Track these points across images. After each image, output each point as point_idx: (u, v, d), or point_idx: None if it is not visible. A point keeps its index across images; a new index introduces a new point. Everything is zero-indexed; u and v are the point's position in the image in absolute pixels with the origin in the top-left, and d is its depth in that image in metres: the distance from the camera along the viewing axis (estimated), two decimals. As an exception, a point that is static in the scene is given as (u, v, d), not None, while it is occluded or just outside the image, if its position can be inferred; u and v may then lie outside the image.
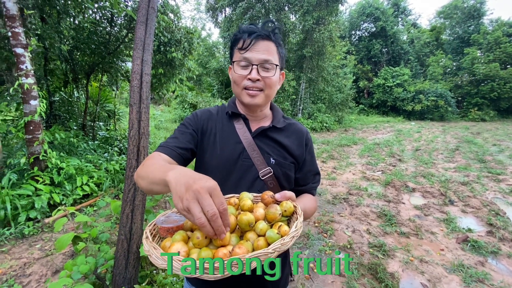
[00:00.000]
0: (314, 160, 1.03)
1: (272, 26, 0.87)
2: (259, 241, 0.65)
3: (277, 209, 0.72)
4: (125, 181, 1.93)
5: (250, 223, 0.68)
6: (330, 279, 2.36)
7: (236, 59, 0.87)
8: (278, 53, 0.88)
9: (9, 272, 2.34)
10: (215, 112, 0.99)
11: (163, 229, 0.68)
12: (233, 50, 0.90)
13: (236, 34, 0.88)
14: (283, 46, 0.91)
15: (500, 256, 2.73)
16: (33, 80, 3.25)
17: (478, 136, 10.94)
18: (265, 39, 0.85)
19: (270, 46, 0.85)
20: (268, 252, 0.56)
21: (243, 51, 0.84)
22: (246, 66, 0.85)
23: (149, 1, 1.99)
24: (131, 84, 1.93)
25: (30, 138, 3.29)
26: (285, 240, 0.61)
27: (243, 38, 0.85)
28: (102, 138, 5.83)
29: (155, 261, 0.55)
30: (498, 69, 16.86)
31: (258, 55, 0.83)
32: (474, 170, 5.78)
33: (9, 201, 2.91)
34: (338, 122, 13.29)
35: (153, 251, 0.56)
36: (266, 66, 0.85)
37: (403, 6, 23.96)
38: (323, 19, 10.79)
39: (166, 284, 2.01)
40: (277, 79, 0.89)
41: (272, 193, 0.79)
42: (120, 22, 5.19)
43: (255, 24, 0.87)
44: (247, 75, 0.85)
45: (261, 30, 0.84)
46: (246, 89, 0.86)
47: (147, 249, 0.58)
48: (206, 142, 0.93)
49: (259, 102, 0.88)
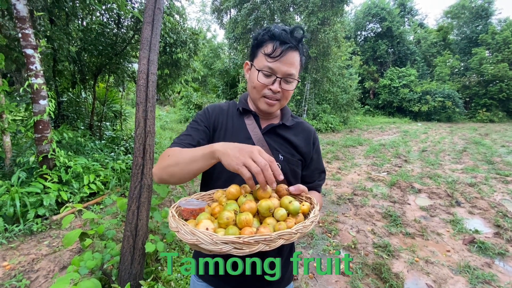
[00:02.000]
0: (320, 158, 1.06)
1: (301, 34, 0.83)
2: (280, 225, 0.67)
3: (292, 201, 0.75)
4: (131, 179, 1.96)
5: (270, 208, 0.71)
6: (334, 279, 2.35)
7: (261, 66, 0.84)
8: (300, 63, 0.87)
9: (17, 267, 2.40)
10: (226, 107, 1.01)
11: (187, 210, 0.71)
12: (257, 51, 0.86)
13: (265, 36, 0.83)
14: (305, 54, 0.90)
15: (507, 257, 2.68)
16: (43, 80, 3.32)
17: (486, 137, 10.76)
18: (294, 50, 0.82)
19: (296, 57, 0.84)
20: (292, 232, 0.59)
21: (271, 59, 0.81)
22: (269, 76, 0.84)
23: (155, 2, 2.03)
24: (138, 83, 1.96)
25: (39, 137, 3.36)
26: (306, 223, 0.64)
27: (273, 44, 0.81)
28: (108, 137, 5.91)
29: (184, 237, 0.58)
30: (507, 70, 16.56)
31: (285, 68, 0.82)
32: (482, 172, 5.69)
33: (18, 198, 2.97)
34: (343, 123, 13.22)
35: (182, 227, 0.59)
36: (289, 80, 0.85)
37: (409, 6, 23.72)
38: (328, 19, 10.75)
39: (171, 280, 2.03)
40: (293, 90, 0.90)
41: (287, 186, 0.81)
42: (127, 23, 5.28)
43: (286, 30, 0.82)
44: (269, 85, 0.84)
45: (291, 40, 0.81)
46: (265, 97, 0.87)
47: (174, 225, 0.60)
48: (217, 137, 0.95)
49: (274, 110, 0.92)
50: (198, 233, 0.55)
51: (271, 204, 0.71)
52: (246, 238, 0.54)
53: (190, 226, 0.58)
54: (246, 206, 0.71)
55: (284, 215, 0.71)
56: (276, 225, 0.68)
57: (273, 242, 0.57)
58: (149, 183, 2.00)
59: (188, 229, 0.57)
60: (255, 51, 0.88)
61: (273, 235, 0.57)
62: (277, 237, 0.57)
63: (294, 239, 0.60)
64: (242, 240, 0.54)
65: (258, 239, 0.55)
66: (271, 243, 0.57)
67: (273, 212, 0.72)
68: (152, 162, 2.01)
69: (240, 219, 0.66)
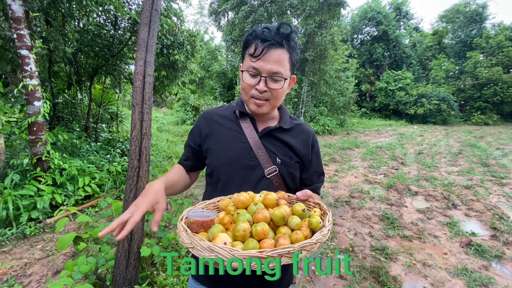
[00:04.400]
0: (320, 161, 1.04)
1: (287, 30, 0.81)
2: (297, 235, 0.65)
3: (305, 209, 0.74)
4: (127, 181, 1.94)
5: (284, 217, 0.69)
6: (331, 282, 2.33)
7: (246, 67, 0.84)
8: (289, 60, 0.84)
9: (9, 272, 2.35)
10: (222, 111, 1.01)
11: (196, 223, 0.67)
12: (245, 52, 0.87)
13: (249, 37, 0.84)
14: (296, 51, 0.87)
15: (504, 260, 2.69)
16: (37, 81, 3.28)
17: (481, 140, 10.87)
18: (278, 47, 0.80)
19: (282, 55, 0.81)
20: (312, 243, 0.57)
21: (254, 59, 0.81)
22: (255, 76, 0.83)
23: (152, 3, 2.01)
24: (134, 85, 1.94)
25: (34, 139, 3.31)
26: (323, 232, 0.62)
27: (255, 44, 0.81)
28: (104, 139, 5.86)
29: (200, 253, 0.55)
30: (501, 73, 16.80)
31: (268, 66, 0.80)
32: (478, 174, 5.73)
33: (11, 201, 2.92)
34: (340, 125, 13.27)
35: (198, 243, 0.55)
36: (275, 78, 0.82)
37: (405, 10, 24.01)
38: (325, 23, 10.82)
39: (167, 285, 2.00)
40: (284, 90, 0.88)
41: (287, 194, 0.83)
42: (124, 25, 5.25)
43: (270, 27, 0.81)
44: (255, 85, 0.83)
45: (274, 37, 0.79)
46: (253, 97, 0.86)
47: (188, 241, 0.57)
48: (213, 143, 0.95)
49: (265, 111, 0.89)
50: (218, 249, 0.52)
51: (285, 213, 0.69)
52: (269, 252, 0.52)
53: (208, 242, 0.55)
54: (260, 216, 0.67)
55: (299, 224, 0.69)
56: (293, 235, 0.65)
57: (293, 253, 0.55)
58: (144, 186, 1.97)
59: (206, 245, 0.54)
60: (243, 53, 0.88)
61: (296, 247, 0.55)
62: (300, 248, 0.55)
63: (314, 249, 0.58)
64: (265, 254, 0.52)
65: (281, 253, 0.53)
66: (293, 256, 0.55)
67: (287, 221, 0.69)
68: (148, 164, 1.99)
69: (256, 230, 0.62)
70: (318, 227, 0.67)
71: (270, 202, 0.74)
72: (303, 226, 0.70)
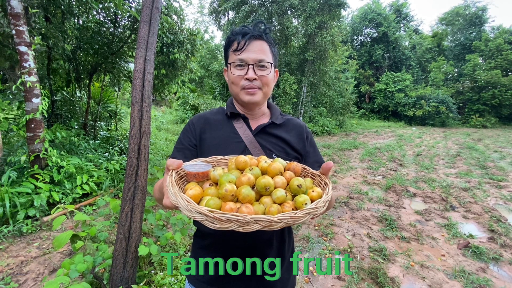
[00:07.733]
0: (317, 151, 1.05)
1: (263, 27, 0.90)
2: (272, 207, 0.63)
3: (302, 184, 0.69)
4: (125, 180, 1.92)
5: (267, 187, 0.67)
6: (329, 283, 2.33)
7: (232, 61, 0.89)
8: (271, 51, 0.91)
9: (5, 270, 2.33)
10: (212, 116, 1.01)
11: (190, 174, 0.74)
12: (228, 53, 0.92)
13: (230, 36, 0.91)
14: (275, 45, 0.95)
15: (502, 262, 2.70)
16: (36, 78, 3.26)
17: (479, 142, 10.90)
18: (258, 39, 0.87)
19: (263, 45, 0.88)
20: (272, 220, 0.53)
21: (238, 52, 0.87)
22: (242, 67, 0.87)
23: (153, 1, 2.00)
24: (134, 83, 1.93)
25: (31, 136, 3.29)
26: (318, 205, 0.58)
27: (237, 40, 0.87)
28: (103, 137, 5.83)
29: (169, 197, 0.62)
30: (500, 76, 16.85)
31: (253, 55, 0.86)
32: (476, 176, 5.75)
33: (8, 198, 2.90)
34: (339, 126, 13.28)
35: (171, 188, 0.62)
36: (262, 65, 0.88)
37: (405, 12, 24.06)
38: (325, 23, 10.83)
39: (164, 284, 1.99)
40: (272, 77, 0.93)
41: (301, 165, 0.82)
42: (124, 23, 5.22)
43: (247, 26, 0.90)
44: (244, 75, 0.88)
45: (253, 31, 0.87)
46: (244, 88, 0.89)
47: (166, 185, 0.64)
48: (208, 146, 0.94)
49: (258, 99, 0.92)
50: (180, 200, 0.57)
51: (268, 183, 0.66)
52: (217, 214, 0.53)
53: (177, 189, 0.60)
54: (244, 179, 0.67)
55: (282, 197, 0.65)
56: (267, 208, 0.63)
57: (248, 225, 0.53)
58: (143, 185, 1.96)
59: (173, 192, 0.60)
60: (226, 53, 0.93)
61: (248, 218, 0.52)
62: (253, 220, 0.52)
63: (275, 227, 0.54)
64: (213, 215, 0.53)
65: (231, 218, 0.53)
66: (245, 226, 0.53)
67: (271, 192, 0.67)
68: (147, 163, 1.98)
69: (241, 192, 0.63)
70: (302, 208, 0.63)
71: (273, 170, 0.72)
72: (287, 202, 0.66)
